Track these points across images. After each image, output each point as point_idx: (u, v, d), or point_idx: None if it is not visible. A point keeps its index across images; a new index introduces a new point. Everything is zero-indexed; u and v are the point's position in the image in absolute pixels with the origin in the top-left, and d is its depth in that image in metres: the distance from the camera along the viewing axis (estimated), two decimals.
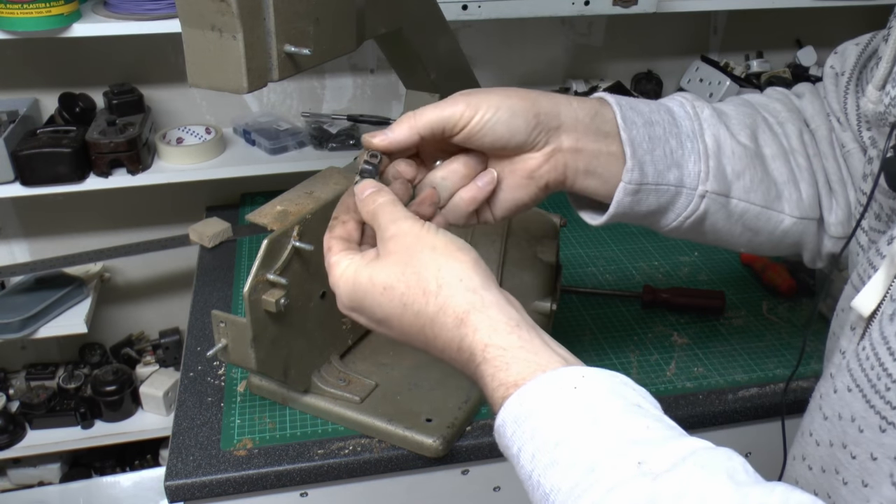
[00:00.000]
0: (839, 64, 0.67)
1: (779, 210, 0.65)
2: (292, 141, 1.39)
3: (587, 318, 1.07)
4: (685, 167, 0.61)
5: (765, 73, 1.57)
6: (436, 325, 0.47)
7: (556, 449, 0.40)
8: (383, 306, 0.49)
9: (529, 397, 0.42)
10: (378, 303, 0.49)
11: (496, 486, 0.91)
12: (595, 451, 0.38)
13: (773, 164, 0.65)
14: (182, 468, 0.81)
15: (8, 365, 1.62)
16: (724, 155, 0.62)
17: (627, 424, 0.40)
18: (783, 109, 0.69)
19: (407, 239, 0.49)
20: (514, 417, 0.42)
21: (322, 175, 0.89)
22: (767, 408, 0.93)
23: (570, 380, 0.42)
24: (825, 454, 0.51)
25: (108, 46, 1.33)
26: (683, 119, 0.63)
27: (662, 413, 0.43)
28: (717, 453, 0.38)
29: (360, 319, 0.52)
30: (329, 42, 0.77)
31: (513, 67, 1.53)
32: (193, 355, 0.99)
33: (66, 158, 1.22)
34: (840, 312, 0.58)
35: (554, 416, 0.41)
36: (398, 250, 0.49)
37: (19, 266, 1.30)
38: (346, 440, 0.84)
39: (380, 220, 0.51)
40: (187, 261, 1.54)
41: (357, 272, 0.50)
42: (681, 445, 0.38)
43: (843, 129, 0.66)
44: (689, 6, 1.37)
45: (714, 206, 0.63)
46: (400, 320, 0.49)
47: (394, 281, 0.48)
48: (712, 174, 0.61)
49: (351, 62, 1.46)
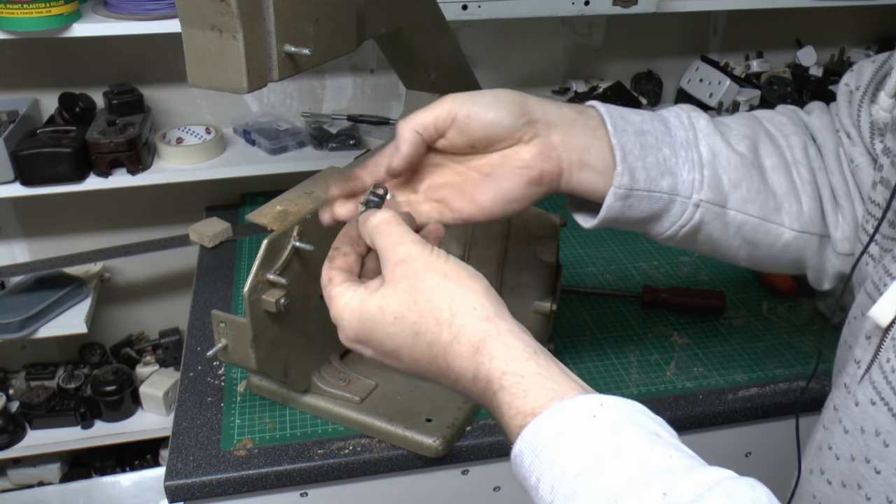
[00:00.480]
0: (854, 81, 0.66)
1: (778, 222, 0.63)
2: (292, 141, 1.39)
3: (587, 318, 1.07)
4: (679, 175, 0.60)
5: (765, 73, 1.57)
6: (449, 355, 0.45)
7: (577, 480, 0.38)
8: (393, 337, 0.47)
9: (547, 426, 0.41)
10: (388, 333, 0.47)
11: (496, 486, 0.91)
12: (617, 482, 0.37)
13: (773, 176, 0.63)
14: (182, 468, 0.81)
15: (8, 365, 1.62)
16: (720, 164, 0.61)
17: (649, 454, 0.39)
18: (788, 122, 0.68)
19: (416, 265, 0.47)
20: (531, 447, 0.41)
21: (322, 175, 0.89)
22: (767, 408, 0.93)
23: (589, 408, 0.41)
24: (846, 468, 0.50)
25: (108, 46, 1.33)
26: (678, 129, 0.62)
27: (680, 442, 0.42)
28: (741, 484, 0.37)
29: (366, 352, 0.50)
30: (329, 42, 0.77)
31: (513, 67, 1.53)
32: (193, 355, 0.99)
33: (66, 158, 1.22)
34: (852, 321, 0.57)
35: (573, 446, 0.39)
36: (407, 276, 0.47)
37: (19, 266, 1.30)
38: (346, 440, 0.84)
39: (385, 242, 0.49)
40: (187, 261, 1.54)
41: (363, 302, 0.48)
42: (705, 476, 0.37)
43: (853, 143, 0.64)
44: (689, 6, 1.37)
45: (709, 216, 0.62)
46: (411, 350, 0.47)
47: (405, 310, 0.46)
48: (707, 183, 0.60)
49: (351, 62, 1.46)
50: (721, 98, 1.46)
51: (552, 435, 0.40)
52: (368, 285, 0.49)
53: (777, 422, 0.96)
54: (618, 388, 0.93)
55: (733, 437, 0.96)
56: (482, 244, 0.83)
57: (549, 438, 0.40)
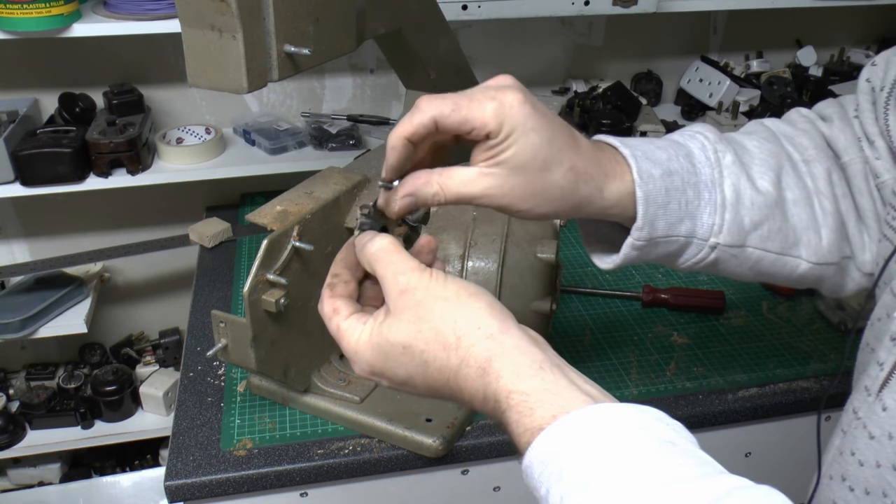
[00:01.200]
0: (879, 77, 0.62)
1: (795, 255, 0.63)
2: (292, 141, 1.39)
3: (587, 318, 1.07)
4: (699, 218, 0.60)
5: (765, 73, 1.57)
6: (460, 378, 0.45)
7: (585, 491, 0.38)
8: (406, 366, 0.47)
9: (554, 439, 0.41)
10: (399, 363, 0.47)
11: (496, 486, 0.91)
12: (625, 494, 0.37)
13: (794, 210, 0.62)
14: (182, 468, 0.81)
15: (8, 365, 1.62)
16: (743, 206, 0.60)
17: (658, 463, 0.38)
18: (811, 146, 0.65)
19: (417, 294, 0.47)
20: (540, 459, 0.41)
21: (322, 175, 0.89)
22: (767, 408, 0.93)
23: (597, 418, 0.41)
24: (871, 475, 0.49)
25: (108, 46, 1.33)
26: (703, 166, 0.60)
27: (697, 447, 0.41)
28: (754, 492, 0.36)
29: (383, 382, 0.49)
30: (329, 42, 0.77)
31: (513, 67, 1.53)
32: (193, 355, 0.99)
33: (66, 158, 1.22)
34: (876, 322, 0.55)
35: (581, 457, 0.39)
36: (410, 305, 0.47)
37: (19, 266, 1.30)
38: (346, 440, 0.84)
39: (385, 271, 0.48)
40: (187, 261, 1.54)
41: (374, 335, 0.48)
42: (715, 485, 0.36)
43: (878, 155, 0.62)
44: (689, 6, 1.37)
45: (725, 255, 0.61)
46: (424, 377, 0.47)
47: (412, 339, 0.46)
48: (727, 227, 0.60)
49: (351, 62, 1.46)
50: (721, 98, 1.46)
51: (560, 447, 0.40)
52: (376, 316, 0.49)
53: (777, 422, 0.96)
54: (618, 388, 0.93)
55: (733, 437, 0.96)
56: (482, 244, 0.83)
57: (556, 450, 0.40)
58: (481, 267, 0.82)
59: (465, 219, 0.86)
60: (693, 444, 0.41)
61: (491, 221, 0.85)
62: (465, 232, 0.85)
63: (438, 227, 0.86)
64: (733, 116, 1.45)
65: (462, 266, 0.83)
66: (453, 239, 0.84)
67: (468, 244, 0.83)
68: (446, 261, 0.84)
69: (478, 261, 0.83)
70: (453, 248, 0.84)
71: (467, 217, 0.87)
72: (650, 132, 1.42)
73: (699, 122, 1.51)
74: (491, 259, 0.83)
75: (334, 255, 0.87)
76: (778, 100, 1.49)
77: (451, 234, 0.85)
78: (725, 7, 1.42)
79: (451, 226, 0.86)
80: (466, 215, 0.87)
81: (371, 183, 0.89)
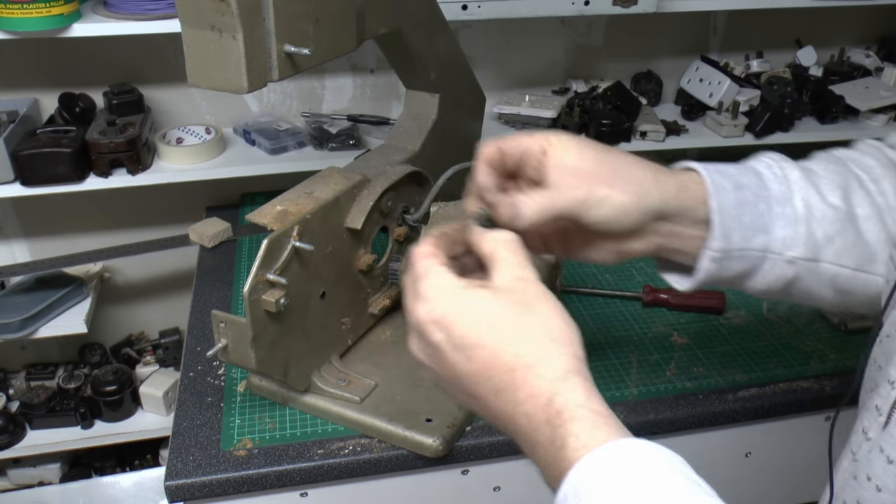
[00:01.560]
0: None
1: (872, 272, 0.62)
2: (292, 141, 1.39)
3: (587, 318, 1.07)
4: (773, 232, 0.60)
5: (765, 73, 1.57)
6: (517, 387, 0.45)
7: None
8: (472, 334, 0.46)
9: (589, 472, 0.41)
10: (469, 328, 0.46)
11: (496, 486, 0.91)
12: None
13: (866, 226, 0.62)
14: (182, 468, 0.81)
15: (8, 365, 1.62)
16: (815, 219, 0.60)
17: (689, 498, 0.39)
18: (877, 165, 0.65)
19: (531, 288, 0.47)
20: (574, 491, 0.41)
21: (322, 175, 0.89)
22: (767, 408, 0.93)
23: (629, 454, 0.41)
24: (891, 501, 0.48)
25: (108, 46, 1.33)
26: (772, 181, 0.61)
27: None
28: None
29: (434, 337, 0.47)
30: (329, 42, 0.77)
31: (513, 67, 1.53)
32: (193, 355, 0.99)
33: (66, 158, 1.22)
34: (885, 339, 0.54)
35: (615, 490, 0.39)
36: (519, 292, 0.47)
37: (19, 266, 1.30)
38: (346, 440, 0.84)
39: (514, 258, 0.49)
40: (187, 261, 1.54)
41: (467, 292, 0.47)
42: None
43: None
44: (689, 6, 1.37)
45: (803, 271, 0.61)
46: (483, 354, 0.46)
47: (503, 318, 0.46)
48: (802, 240, 0.60)
49: (351, 62, 1.46)
50: (721, 98, 1.46)
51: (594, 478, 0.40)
52: (473, 280, 0.49)
53: (777, 422, 0.96)
54: (618, 388, 0.93)
55: (733, 437, 0.96)
56: None
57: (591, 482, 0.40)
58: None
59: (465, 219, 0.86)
60: (716, 497, 0.41)
61: None
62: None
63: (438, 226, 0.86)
64: (733, 116, 1.45)
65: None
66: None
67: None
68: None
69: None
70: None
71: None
72: (650, 132, 1.42)
73: (699, 122, 1.52)
74: None
75: (334, 255, 0.87)
76: (778, 100, 1.49)
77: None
78: (725, 7, 1.42)
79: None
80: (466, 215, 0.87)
81: (371, 183, 0.89)
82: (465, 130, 1.15)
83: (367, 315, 0.95)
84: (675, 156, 1.60)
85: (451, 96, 1.05)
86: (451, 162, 0.97)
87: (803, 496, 1.05)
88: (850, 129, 1.51)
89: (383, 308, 0.96)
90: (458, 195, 0.94)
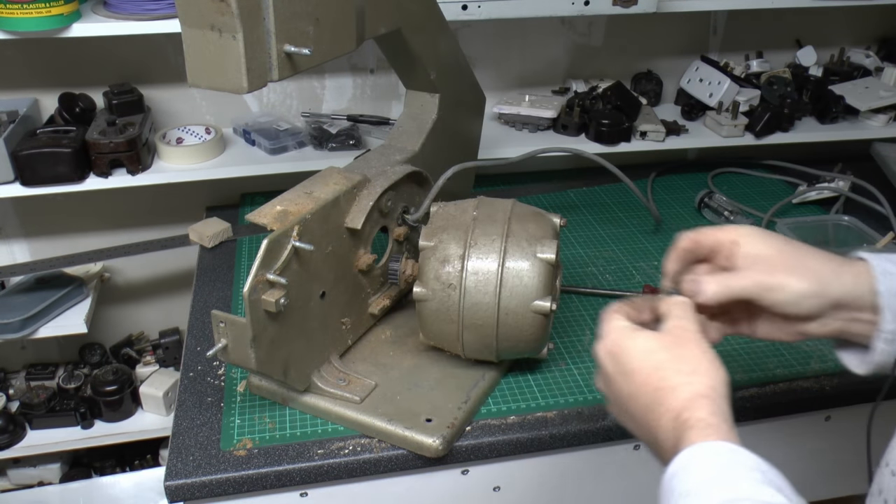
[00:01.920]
0: None
1: None
2: (292, 141, 1.39)
3: (587, 318, 1.07)
4: None
5: (765, 73, 1.57)
6: (658, 405, 0.55)
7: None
8: (635, 357, 0.57)
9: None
10: (635, 353, 0.58)
11: (496, 486, 0.91)
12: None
13: None
14: (182, 468, 0.81)
15: (8, 365, 1.62)
16: None
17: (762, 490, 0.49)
18: None
19: (688, 334, 0.58)
20: (673, 471, 0.51)
21: (322, 175, 0.89)
22: (767, 408, 0.93)
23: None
24: None
25: (108, 46, 1.33)
26: None
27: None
28: None
29: (608, 365, 0.59)
30: (329, 42, 0.77)
31: (513, 67, 1.53)
32: (193, 355, 0.99)
33: (66, 158, 1.22)
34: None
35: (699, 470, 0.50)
36: (677, 334, 0.58)
37: (19, 266, 1.30)
38: (346, 440, 0.84)
39: (681, 313, 0.60)
40: (187, 261, 1.54)
41: (636, 330, 0.59)
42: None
43: None
44: (689, 6, 1.37)
45: None
46: (637, 370, 0.57)
47: (658, 352, 0.57)
48: None
49: (351, 62, 1.46)
50: (721, 98, 1.46)
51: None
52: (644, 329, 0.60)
53: (777, 422, 0.96)
54: None
55: None
56: (482, 244, 0.83)
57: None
58: (481, 266, 0.82)
59: (465, 219, 0.86)
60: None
61: (491, 222, 0.85)
62: (465, 232, 0.85)
63: (438, 227, 0.86)
64: (733, 116, 1.45)
65: (462, 266, 0.83)
66: (453, 239, 0.84)
67: (468, 244, 0.83)
68: (446, 261, 0.84)
69: (478, 260, 0.83)
70: (453, 248, 0.84)
71: (467, 217, 0.86)
72: (650, 132, 1.42)
73: (699, 122, 1.52)
74: (491, 258, 0.83)
75: (334, 255, 0.88)
76: (778, 100, 1.49)
77: (451, 234, 0.85)
78: (725, 7, 1.42)
79: (451, 226, 0.86)
80: (466, 215, 0.87)
81: (371, 183, 0.89)
82: (465, 130, 1.15)
83: (367, 315, 0.95)
84: (675, 156, 1.61)
85: (451, 96, 1.05)
86: (451, 162, 0.98)
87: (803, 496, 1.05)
88: (850, 130, 1.51)
89: (383, 308, 0.96)
90: (458, 195, 0.94)
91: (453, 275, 0.83)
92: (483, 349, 0.87)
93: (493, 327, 0.83)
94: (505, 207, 0.88)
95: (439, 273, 0.83)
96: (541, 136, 1.44)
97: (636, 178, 1.34)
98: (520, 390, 0.92)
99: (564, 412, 0.89)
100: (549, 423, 0.88)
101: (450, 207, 0.90)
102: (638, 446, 0.92)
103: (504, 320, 0.83)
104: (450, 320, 0.84)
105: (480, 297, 0.83)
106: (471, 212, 0.87)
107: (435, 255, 0.84)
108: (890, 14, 1.66)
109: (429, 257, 0.85)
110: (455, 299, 0.83)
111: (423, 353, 0.94)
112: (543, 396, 0.92)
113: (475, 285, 0.82)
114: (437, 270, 0.84)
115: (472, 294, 0.83)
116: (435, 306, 0.84)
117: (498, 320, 0.83)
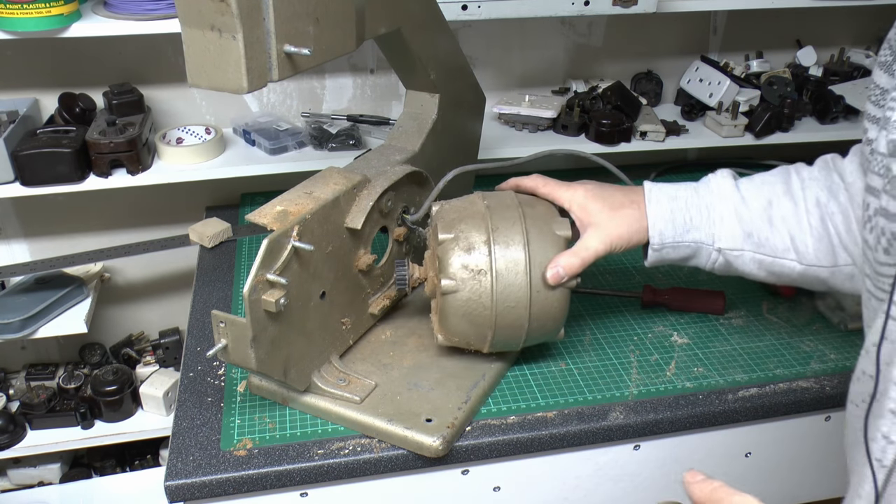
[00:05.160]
0: (885, 78, 0.65)
1: (789, 258, 0.83)
2: (292, 141, 1.39)
3: (587, 318, 1.07)
4: (702, 230, 0.85)
5: (765, 73, 1.57)
6: None
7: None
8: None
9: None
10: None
11: (496, 486, 0.91)
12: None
13: (781, 225, 0.82)
14: (182, 468, 0.81)
15: (8, 365, 1.62)
16: (742, 221, 0.84)
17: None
18: (815, 169, 0.85)
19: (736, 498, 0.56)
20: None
21: (322, 175, 0.89)
22: (767, 408, 0.93)
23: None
24: None
25: (108, 46, 1.33)
26: (706, 194, 0.85)
27: None
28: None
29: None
30: (329, 42, 0.77)
31: (513, 67, 1.53)
32: (193, 355, 0.99)
33: (66, 158, 1.22)
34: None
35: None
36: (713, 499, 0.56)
37: (19, 266, 1.30)
38: (346, 440, 0.84)
39: (721, 494, 0.57)
40: (187, 261, 1.54)
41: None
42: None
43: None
44: (689, 6, 1.37)
45: (731, 257, 0.85)
46: None
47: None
48: (725, 235, 0.84)
49: (351, 62, 1.46)
50: (721, 98, 1.46)
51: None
52: None
53: (777, 422, 0.96)
54: (618, 388, 0.93)
55: (733, 437, 0.96)
56: (503, 228, 0.84)
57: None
58: (508, 248, 0.83)
59: (477, 208, 0.87)
60: None
61: (505, 207, 0.87)
62: (482, 220, 0.85)
63: (453, 219, 0.86)
64: (733, 116, 1.45)
65: (489, 250, 0.83)
66: (473, 227, 0.85)
67: (490, 229, 0.84)
68: (471, 248, 0.84)
69: (504, 243, 0.83)
70: (475, 236, 0.84)
71: (479, 207, 0.87)
72: (650, 132, 1.42)
73: (699, 122, 1.52)
74: (516, 240, 0.84)
75: (334, 255, 0.88)
76: (778, 100, 1.49)
77: (469, 224, 0.85)
78: (725, 7, 1.42)
79: (466, 216, 0.86)
80: (476, 206, 0.87)
81: (371, 183, 0.89)
82: (466, 130, 1.15)
83: (367, 315, 0.95)
84: (675, 155, 1.61)
85: (451, 96, 1.05)
86: (451, 162, 0.98)
87: (803, 496, 1.05)
88: (850, 129, 1.51)
89: (383, 308, 0.96)
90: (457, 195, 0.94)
91: (482, 260, 0.83)
92: (512, 334, 0.86)
93: (527, 308, 0.84)
94: (510, 195, 0.90)
95: (466, 262, 0.83)
96: (541, 137, 1.45)
97: (636, 178, 1.33)
98: (520, 390, 0.93)
99: (564, 412, 0.89)
100: (549, 423, 0.88)
101: (454, 202, 0.90)
102: (638, 447, 0.92)
103: (536, 298, 0.84)
104: (482, 307, 0.84)
105: (512, 277, 0.83)
106: (480, 202, 0.88)
107: (458, 245, 0.84)
108: (890, 14, 1.65)
109: (451, 248, 0.84)
110: (487, 285, 0.83)
111: (423, 353, 0.94)
112: (543, 396, 0.92)
113: (506, 266, 0.83)
114: (464, 259, 0.83)
115: (504, 276, 0.83)
116: (466, 296, 0.84)
117: (531, 299, 0.83)
